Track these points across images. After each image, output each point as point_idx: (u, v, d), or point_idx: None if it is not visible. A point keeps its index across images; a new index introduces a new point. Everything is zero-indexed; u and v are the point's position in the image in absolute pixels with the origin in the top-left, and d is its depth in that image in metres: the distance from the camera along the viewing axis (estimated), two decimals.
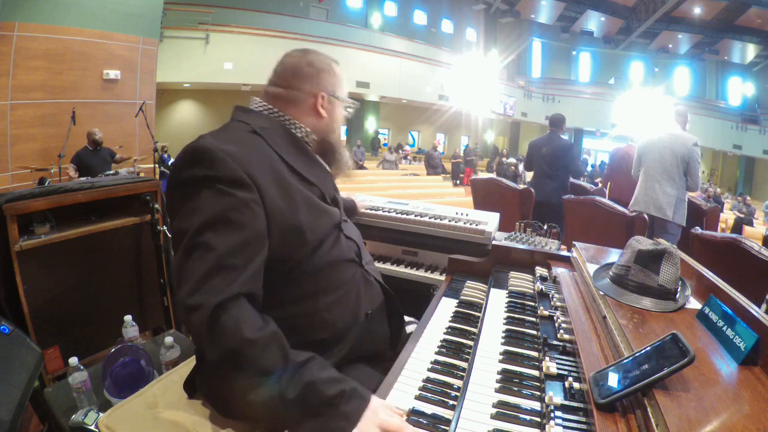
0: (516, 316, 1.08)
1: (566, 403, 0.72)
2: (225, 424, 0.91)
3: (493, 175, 5.99)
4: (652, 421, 0.58)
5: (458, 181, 12.08)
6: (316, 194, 0.93)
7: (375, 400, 0.75)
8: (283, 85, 0.98)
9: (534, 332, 1.00)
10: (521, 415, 0.73)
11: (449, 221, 2.05)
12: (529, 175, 12.28)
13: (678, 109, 3.12)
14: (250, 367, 0.71)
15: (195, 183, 0.77)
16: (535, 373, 0.85)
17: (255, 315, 0.75)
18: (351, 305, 0.97)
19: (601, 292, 0.99)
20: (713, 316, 0.82)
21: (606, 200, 3.09)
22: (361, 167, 10.98)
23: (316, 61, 1.01)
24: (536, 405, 0.75)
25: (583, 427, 0.67)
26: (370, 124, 15.18)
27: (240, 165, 0.77)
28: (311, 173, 0.94)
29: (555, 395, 0.73)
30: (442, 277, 1.77)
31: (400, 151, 14.01)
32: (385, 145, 14.72)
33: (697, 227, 2.25)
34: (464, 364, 0.89)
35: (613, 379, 0.67)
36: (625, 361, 0.70)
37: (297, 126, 0.97)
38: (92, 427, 1.16)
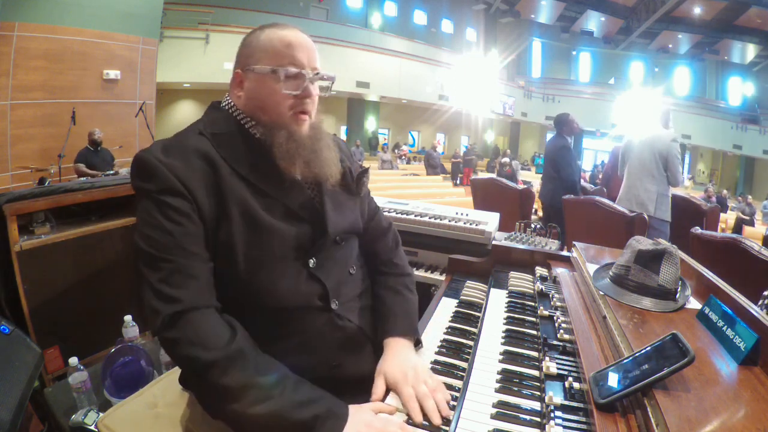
0: (516, 316, 1.08)
1: (566, 403, 0.72)
2: (226, 425, 0.91)
3: (493, 175, 5.99)
4: (652, 421, 0.58)
5: (458, 181, 12.09)
6: (271, 206, 0.81)
7: (354, 412, 0.72)
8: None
9: (534, 332, 1.00)
10: (521, 415, 0.73)
11: (449, 221, 2.06)
12: (524, 174, 12.31)
13: (661, 108, 3.22)
14: (209, 387, 0.70)
15: (138, 193, 0.78)
16: (535, 373, 0.85)
17: (217, 329, 0.72)
18: (310, 356, 0.83)
19: (601, 292, 0.99)
20: (713, 316, 0.82)
21: (606, 200, 3.09)
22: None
23: (246, 38, 0.88)
24: (536, 405, 0.75)
25: (583, 427, 0.67)
26: (370, 124, 15.19)
27: (175, 174, 0.75)
28: (267, 181, 0.82)
29: (555, 395, 0.73)
30: (442, 277, 1.77)
31: (396, 151, 14.00)
32: (385, 145, 14.73)
33: (697, 227, 2.25)
34: (464, 364, 0.89)
35: (613, 379, 0.67)
36: (625, 361, 0.70)
37: (247, 119, 0.86)
38: (92, 427, 1.16)
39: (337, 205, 0.91)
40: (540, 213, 6.79)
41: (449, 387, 0.82)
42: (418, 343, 0.94)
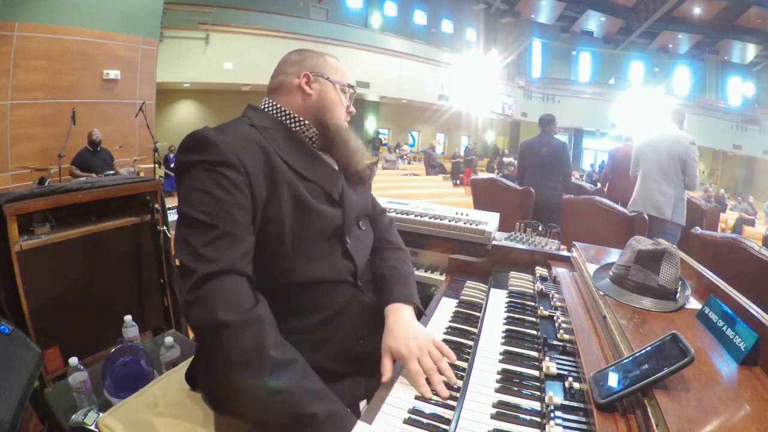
0: (516, 316, 1.08)
1: (566, 403, 0.72)
2: (226, 424, 0.91)
3: (493, 175, 5.99)
4: (652, 421, 0.58)
5: (458, 181, 12.09)
6: (314, 191, 0.90)
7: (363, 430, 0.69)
8: (273, 76, 1.01)
9: (534, 332, 1.00)
10: (521, 415, 0.73)
11: (449, 221, 2.06)
12: None
13: (675, 109, 3.13)
14: (220, 349, 0.69)
15: (190, 166, 0.80)
16: (535, 373, 0.85)
17: (243, 295, 0.73)
18: (338, 328, 0.91)
19: (601, 292, 0.99)
20: (713, 316, 0.82)
21: (606, 200, 3.09)
22: None
23: (304, 51, 1.02)
24: (536, 405, 0.75)
25: (583, 427, 0.67)
26: (370, 124, 15.19)
27: (232, 150, 0.80)
28: (311, 170, 0.91)
29: (555, 395, 0.73)
30: (442, 277, 1.77)
31: (398, 151, 14.02)
32: (385, 145, 14.73)
33: (697, 227, 2.25)
34: (464, 364, 0.89)
35: (613, 379, 0.67)
36: (625, 361, 0.70)
37: (293, 118, 0.95)
38: (92, 427, 1.16)
39: (353, 188, 1.01)
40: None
41: (450, 387, 0.82)
42: (420, 313, 1.00)
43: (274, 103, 0.97)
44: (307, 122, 0.96)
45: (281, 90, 0.98)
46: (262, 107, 0.98)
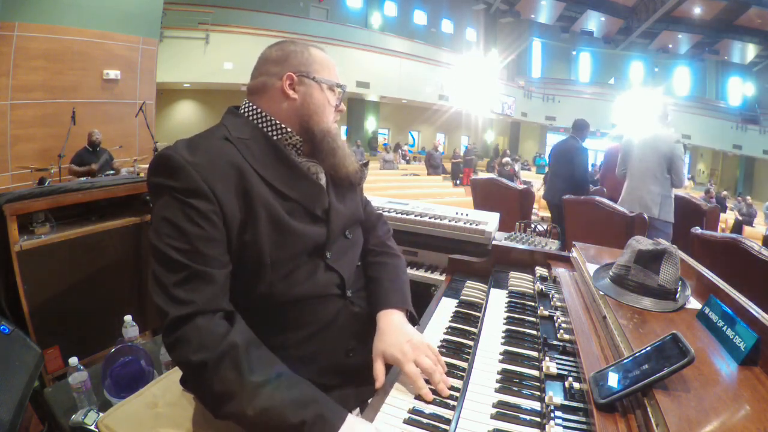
0: (516, 316, 1.08)
1: (566, 403, 0.72)
2: (226, 425, 0.91)
3: (493, 175, 5.99)
4: (652, 421, 0.58)
5: (458, 181, 12.10)
6: (294, 210, 0.85)
7: (354, 423, 0.69)
8: (254, 75, 0.94)
9: (534, 332, 1.00)
10: (521, 415, 0.72)
11: (449, 221, 2.06)
12: (524, 174, 12.32)
13: (656, 105, 3.19)
14: (205, 386, 0.70)
15: (157, 191, 0.78)
16: (535, 373, 0.85)
17: (215, 329, 0.72)
18: (327, 342, 0.89)
19: (601, 292, 0.99)
20: (713, 316, 0.82)
21: (606, 200, 3.09)
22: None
23: (287, 46, 0.93)
24: (536, 405, 0.75)
25: (583, 427, 0.67)
26: (370, 124, 15.19)
27: (201, 175, 0.75)
28: (291, 186, 0.86)
29: (555, 395, 0.73)
30: (442, 277, 1.77)
31: (399, 151, 14.01)
32: (385, 144, 14.74)
33: (697, 227, 2.25)
34: (464, 364, 0.89)
35: (613, 379, 0.67)
36: (625, 361, 0.70)
37: (275, 126, 0.89)
38: (92, 427, 1.16)
39: (341, 196, 0.97)
40: (540, 213, 6.80)
41: (449, 387, 0.82)
42: (413, 321, 0.97)
43: (255, 107, 0.90)
44: (290, 129, 0.90)
45: (263, 93, 0.91)
46: (242, 111, 0.91)
